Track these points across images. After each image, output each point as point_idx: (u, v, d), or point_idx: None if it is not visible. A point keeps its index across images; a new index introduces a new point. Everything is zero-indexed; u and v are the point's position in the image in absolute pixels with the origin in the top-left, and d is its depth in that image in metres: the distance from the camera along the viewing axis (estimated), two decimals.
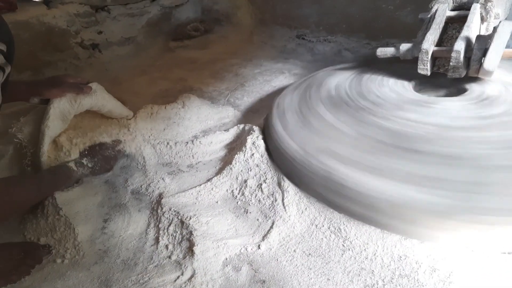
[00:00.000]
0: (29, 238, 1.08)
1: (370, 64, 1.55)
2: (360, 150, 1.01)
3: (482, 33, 1.30)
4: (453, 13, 1.31)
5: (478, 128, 1.00)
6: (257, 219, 1.05)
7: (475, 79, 1.25)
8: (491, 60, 1.09)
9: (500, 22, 1.11)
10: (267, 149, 1.25)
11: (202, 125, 1.59)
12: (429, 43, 1.21)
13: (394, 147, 0.99)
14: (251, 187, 1.14)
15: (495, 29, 1.11)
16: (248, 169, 1.19)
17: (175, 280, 0.89)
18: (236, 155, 1.23)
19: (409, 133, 1.03)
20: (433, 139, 0.98)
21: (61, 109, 1.25)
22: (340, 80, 1.43)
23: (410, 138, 1.01)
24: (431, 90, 1.36)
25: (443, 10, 1.30)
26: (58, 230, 1.08)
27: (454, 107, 1.12)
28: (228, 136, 1.43)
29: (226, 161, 1.32)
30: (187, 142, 1.41)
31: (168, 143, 1.41)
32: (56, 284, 0.93)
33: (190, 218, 1.04)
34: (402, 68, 1.39)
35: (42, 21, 2.04)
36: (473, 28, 1.20)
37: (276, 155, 1.21)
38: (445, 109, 1.12)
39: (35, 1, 2.17)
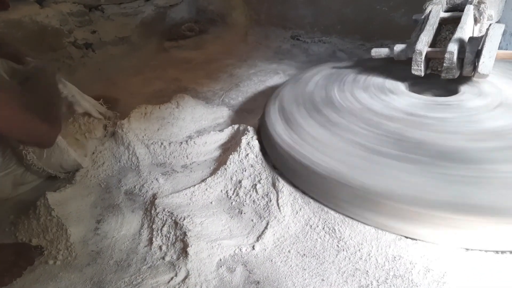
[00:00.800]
0: (21, 239, 1.07)
1: (362, 64, 1.55)
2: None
3: (475, 35, 1.31)
4: (446, 15, 1.32)
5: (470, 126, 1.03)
6: (252, 220, 1.05)
7: (467, 80, 1.26)
8: (485, 64, 1.10)
9: (490, 25, 1.11)
10: (262, 149, 1.25)
11: (196, 125, 1.59)
12: (423, 44, 1.21)
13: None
14: (245, 188, 1.14)
15: (487, 31, 1.12)
16: (243, 170, 1.19)
17: (168, 281, 0.89)
18: (231, 155, 1.23)
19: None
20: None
21: None
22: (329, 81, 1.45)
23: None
24: (424, 90, 1.37)
25: (437, 11, 1.31)
26: (50, 231, 1.06)
27: (405, 101, 1.20)
28: (222, 137, 1.43)
29: (220, 161, 1.32)
30: (181, 143, 1.41)
31: (162, 144, 1.40)
32: (48, 285, 0.92)
33: (184, 219, 1.04)
34: (396, 68, 1.40)
35: (35, 20, 2.03)
36: (466, 29, 1.21)
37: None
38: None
39: None
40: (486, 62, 1.10)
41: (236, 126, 1.43)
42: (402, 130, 1.06)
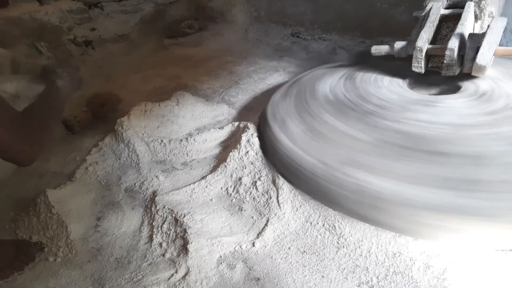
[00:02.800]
0: (21, 236, 1.07)
1: (359, 62, 1.55)
2: (386, 158, 0.96)
3: (476, 32, 1.31)
4: (447, 11, 1.31)
5: (489, 125, 1.00)
6: (252, 217, 1.05)
7: (466, 77, 1.26)
8: (483, 55, 1.10)
9: (493, 18, 1.11)
10: (262, 146, 1.24)
11: (196, 123, 1.58)
12: (423, 41, 1.21)
13: (417, 151, 0.95)
14: (245, 185, 1.14)
15: (489, 27, 1.12)
16: (243, 167, 1.19)
17: (169, 278, 0.89)
18: (231, 152, 1.23)
19: (425, 134, 1.00)
20: (452, 139, 0.96)
21: None
22: (332, 81, 1.42)
23: (429, 140, 0.98)
24: (424, 87, 1.37)
25: (437, 8, 1.31)
26: (51, 228, 1.07)
27: (458, 104, 1.12)
28: (222, 134, 1.43)
29: (220, 158, 1.31)
30: (181, 140, 1.40)
31: (162, 141, 1.40)
32: (48, 282, 0.92)
33: (184, 216, 1.04)
34: (395, 66, 1.39)
35: (35, 17, 2.02)
36: (467, 26, 1.21)
37: (289, 174, 1.11)
38: (450, 107, 1.11)
39: None
40: (485, 53, 1.09)
41: (236, 124, 1.43)
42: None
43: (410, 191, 0.87)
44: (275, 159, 1.16)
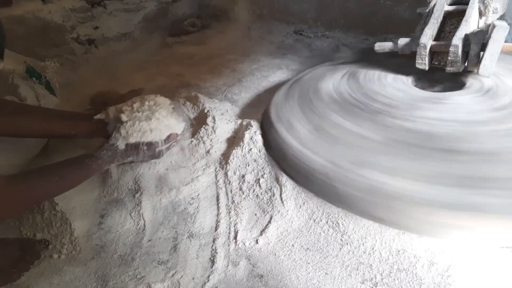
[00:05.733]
0: (25, 234, 1.08)
1: (361, 60, 1.54)
2: (398, 156, 0.95)
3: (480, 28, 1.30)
4: (451, 8, 1.30)
5: (498, 121, 1.00)
6: (255, 214, 1.05)
7: (470, 73, 1.25)
8: (486, 67, 1.10)
9: (495, 27, 1.10)
10: (265, 144, 1.24)
11: None
12: (427, 37, 1.20)
13: (431, 149, 0.95)
14: (249, 182, 1.14)
15: (491, 32, 1.11)
16: (246, 164, 1.19)
17: (172, 275, 0.89)
18: (234, 150, 1.22)
19: (436, 132, 0.99)
20: (463, 137, 0.96)
21: None
22: (335, 80, 1.41)
23: (442, 137, 0.97)
24: (428, 84, 1.36)
25: (441, 4, 1.30)
26: (55, 226, 1.07)
27: (465, 101, 1.12)
28: (225, 131, 1.42)
29: (223, 156, 1.31)
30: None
31: None
32: (52, 279, 0.93)
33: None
34: (397, 63, 1.39)
35: (38, 16, 2.02)
36: (471, 22, 1.20)
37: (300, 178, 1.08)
38: (458, 103, 1.11)
39: None
40: (487, 65, 1.09)
41: (239, 121, 1.43)
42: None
43: (424, 189, 0.86)
44: (279, 156, 1.16)
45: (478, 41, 1.13)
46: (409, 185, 0.87)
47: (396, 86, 1.27)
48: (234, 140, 1.35)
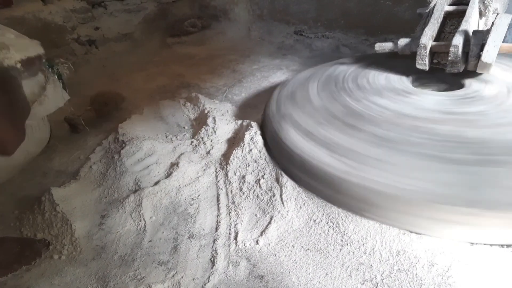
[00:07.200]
0: (26, 234, 1.08)
1: (368, 59, 1.54)
2: (395, 154, 0.97)
3: (480, 28, 1.30)
4: (451, 8, 1.30)
5: (433, 121, 1.03)
6: (255, 215, 1.05)
7: (476, 76, 1.24)
8: (489, 53, 1.09)
9: (497, 14, 1.10)
10: (265, 144, 1.24)
11: None
12: (428, 37, 1.20)
13: (341, 122, 1.10)
14: (249, 183, 1.14)
15: (493, 23, 1.11)
16: (246, 165, 1.19)
17: (173, 276, 0.89)
18: (234, 150, 1.23)
19: (364, 113, 1.11)
20: (380, 122, 1.06)
21: None
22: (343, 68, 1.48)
23: (363, 117, 1.09)
24: (430, 85, 1.36)
25: (441, 4, 1.30)
26: (55, 226, 1.07)
27: (431, 100, 1.15)
28: (225, 132, 1.42)
29: (224, 156, 1.31)
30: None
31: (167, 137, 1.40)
32: (53, 280, 0.93)
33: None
34: (401, 63, 1.39)
35: (38, 17, 2.03)
36: (471, 22, 1.20)
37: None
38: (420, 100, 1.15)
39: None
40: (490, 50, 1.09)
41: (239, 122, 1.43)
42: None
43: (422, 186, 0.87)
44: (280, 156, 1.16)
45: (478, 42, 1.13)
46: (406, 180, 0.90)
47: (388, 78, 1.33)
48: (235, 141, 1.35)
